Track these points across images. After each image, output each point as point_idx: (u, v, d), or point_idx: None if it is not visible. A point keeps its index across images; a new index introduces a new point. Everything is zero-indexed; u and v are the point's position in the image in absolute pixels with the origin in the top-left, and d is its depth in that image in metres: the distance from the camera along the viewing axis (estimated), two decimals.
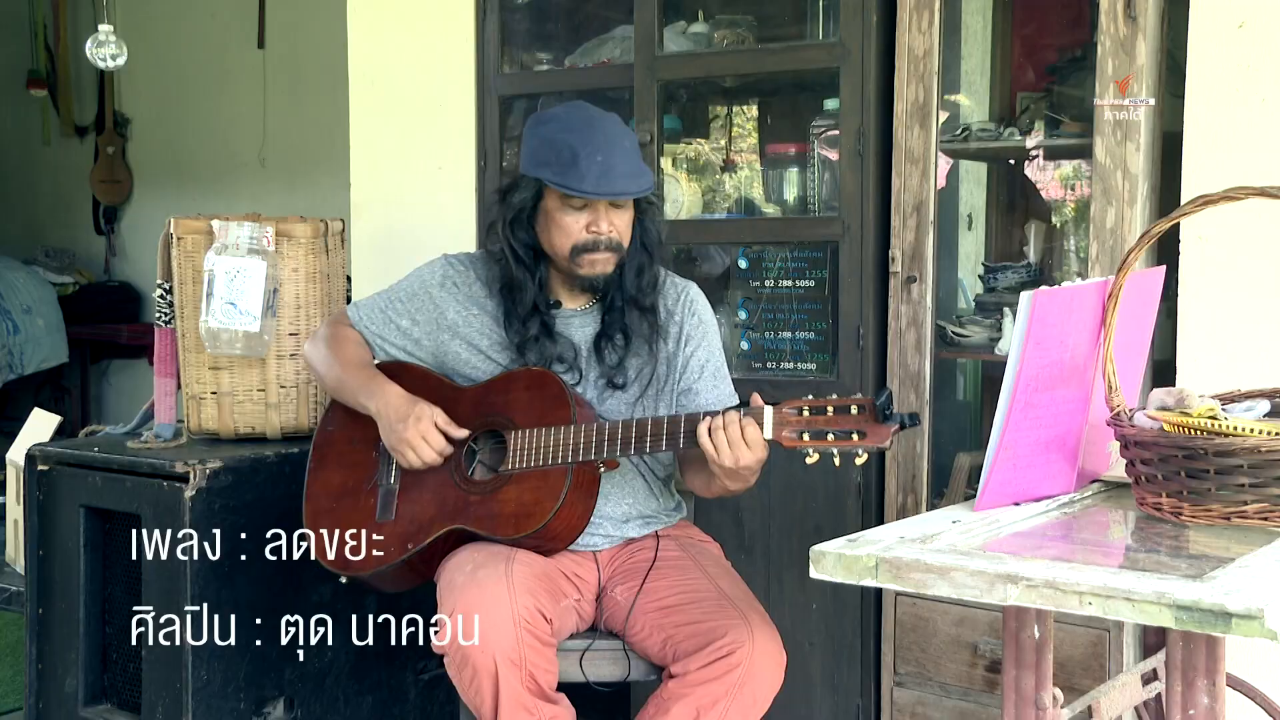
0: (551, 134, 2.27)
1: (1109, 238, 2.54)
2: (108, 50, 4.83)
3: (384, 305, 2.47)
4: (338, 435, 2.46)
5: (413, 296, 2.45)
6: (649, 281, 2.36)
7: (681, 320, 2.41)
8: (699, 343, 2.41)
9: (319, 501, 2.43)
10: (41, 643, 2.90)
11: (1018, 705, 1.74)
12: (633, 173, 2.26)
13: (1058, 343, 1.85)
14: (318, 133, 6.14)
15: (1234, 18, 2.45)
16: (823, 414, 2.04)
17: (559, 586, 2.28)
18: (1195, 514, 1.79)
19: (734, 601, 2.22)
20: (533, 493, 2.24)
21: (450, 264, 2.46)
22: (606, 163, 2.22)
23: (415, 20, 3.48)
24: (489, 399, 2.34)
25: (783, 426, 2.07)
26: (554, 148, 2.25)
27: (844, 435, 2.02)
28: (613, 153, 2.24)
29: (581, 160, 2.21)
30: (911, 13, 2.72)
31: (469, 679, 2.10)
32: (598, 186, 2.22)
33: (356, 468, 2.42)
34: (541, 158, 2.27)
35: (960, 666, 2.69)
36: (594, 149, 2.22)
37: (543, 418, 2.26)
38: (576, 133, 2.25)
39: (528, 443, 2.25)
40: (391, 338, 2.45)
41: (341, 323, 2.50)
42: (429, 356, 2.45)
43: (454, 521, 2.28)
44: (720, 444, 2.09)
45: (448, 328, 2.42)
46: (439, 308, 2.43)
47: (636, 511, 2.41)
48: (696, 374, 2.40)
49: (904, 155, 2.74)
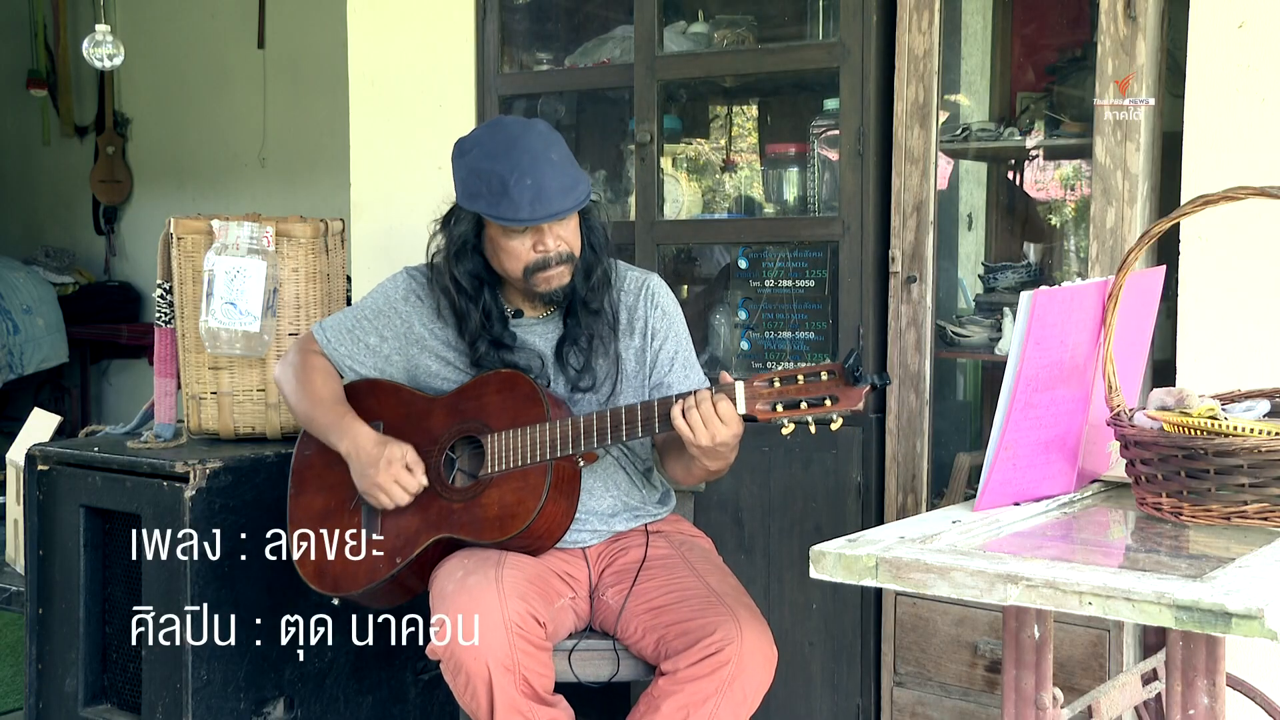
0: (476, 163, 2.23)
1: (1109, 238, 2.54)
2: (105, 50, 4.82)
3: (351, 325, 2.45)
4: (315, 459, 2.45)
5: (379, 313, 2.43)
6: (598, 280, 2.33)
7: (645, 314, 2.39)
8: (665, 335, 2.40)
9: (303, 525, 2.42)
10: (41, 643, 2.90)
11: (1018, 705, 1.74)
12: (565, 188, 2.21)
13: (1058, 343, 1.85)
14: (318, 133, 6.14)
15: (1234, 18, 2.45)
16: (793, 383, 2.04)
17: (552, 587, 2.28)
18: (1195, 514, 1.79)
19: (723, 598, 2.21)
20: (515, 493, 2.24)
21: (412, 277, 2.44)
22: (537, 184, 2.17)
23: (415, 20, 3.48)
24: (462, 405, 2.33)
25: (755, 400, 2.06)
26: (482, 178, 2.20)
27: (817, 401, 2.03)
28: (541, 172, 2.18)
29: (512, 188, 2.17)
30: (911, 13, 2.72)
31: (464, 685, 2.10)
32: (533, 212, 2.18)
33: (337, 488, 2.40)
34: (472, 189, 2.23)
35: (960, 666, 2.69)
36: (521, 173, 2.17)
37: (517, 418, 2.26)
38: (500, 159, 2.19)
39: (505, 444, 2.25)
40: (361, 358, 2.43)
41: (309, 349, 2.46)
42: (400, 373, 2.44)
43: (440, 531, 2.28)
44: (695, 423, 2.08)
45: (416, 341, 2.41)
46: (406, 321, 2.42)
47: (622, 504, 2.40)
48: (667, 367, 2.39)
49: (904, 155, 2.74)
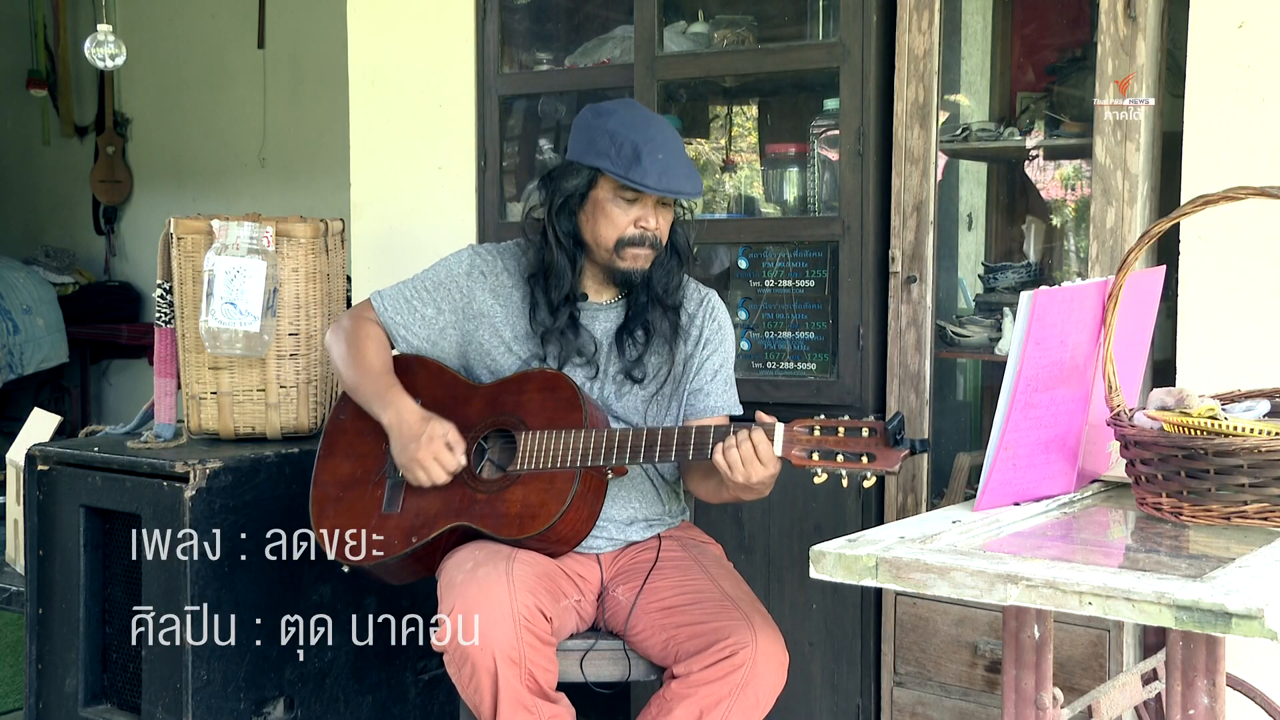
0: (612, 127, 2.28)
1: (1109, 238, 2.54)
2: (106, 50, 4.82)
3: (409, 294, 2.46)
4: (349, 425, 2.46)
5: (439, 285, 2.45)
6: (676, 284, 2.40)
7: (703, 324, 2.44)
8: (716, 347, 2.44)
9: (326, 489, 2.42)
10: (41, 643, 2.90)
11: (1018, 705, 1.74)
12: (690, 175, 2.30)
13: (1058, 343, 1.85)
14: (318, 133, 6.15)
15: (1234, 18, 2.45)
16: (833, 434, 2.05)
17: (559, 586, 2.28)
18: (1195, 514, 1.79)
19: (737, 602, 2.22)
20: (539, 495, 2.24)
21: (477, 254, 2.47)
22: (667, 161, 2.25)
23: (415, 20, 3.48)
24: (501, 398, 2.34)
25: (793, 444, 2.08)
26: (614, 141, 2.26)
27: (853, 457, 2.03)
28: (672, 153, 2.27)
29: (644, 156, 2.24)
30: (911, 13, 2.72)
31: (468, 677, 2.10)
32: (659, 183, 2.24)
33: (365, 458, 2.42)
34: (601, 148, 2.28)
35: (960, 666, 2.69)
36: (655, 147, 2.25)
37: (554, 420, 2.27)
38: (638, 129, 2.27)
39: (537, 445, 2.25)
40: (415, 328, 2.44)
41: (365, 315, 2.48)
42: (453, 346, 2.44)
43: (459, 519, 2.28)
44: (734, 461, 2.10)
45: (474, 316, 2.42)
46: (466, 296, 2.43)
47: (641, 515, 2.41)
48: (710, 376, 2.42)
49: (904, 155, 2.74)
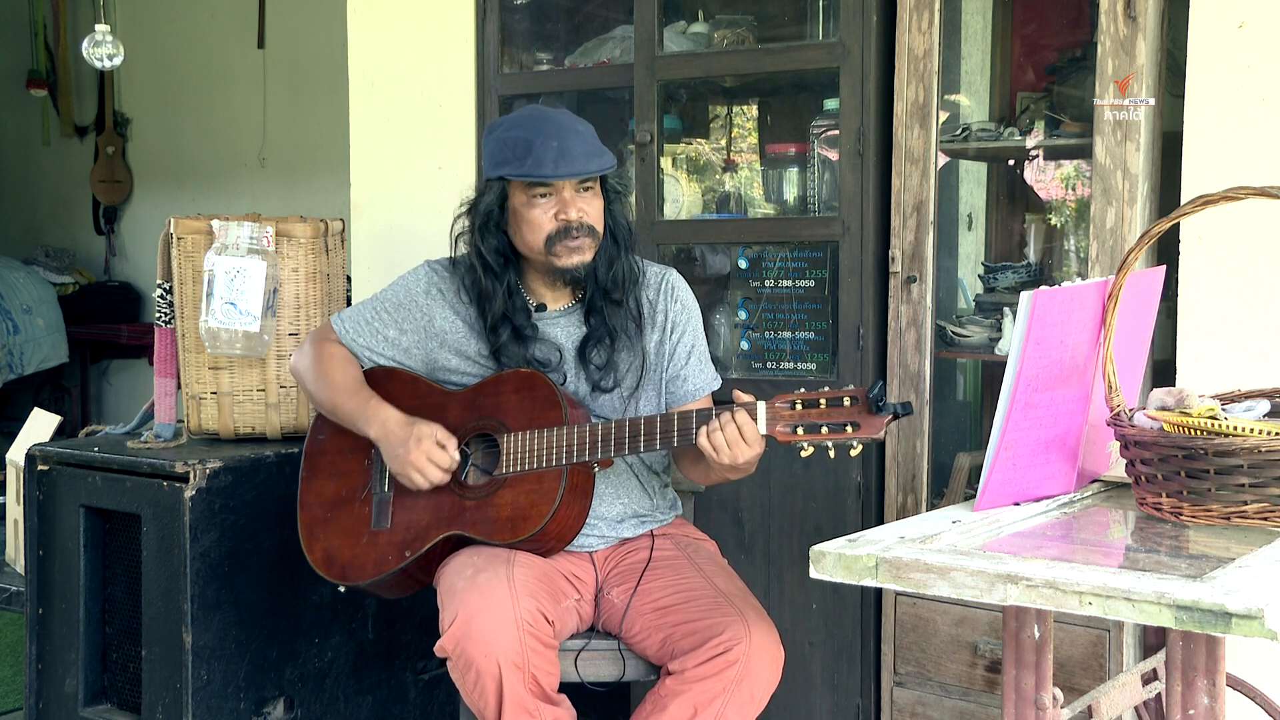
0: (505, 134, 2.29)
1: (1109, 238, 2.54)
2: (104, 50, 4.82)
3: (370, 316, 2.45)
4: (329, 444, 2.46)
5: (399, 306, 2.44)
6: (621, 273, 2.35)
7: (665, 307, 2.41)
8: (684, 328, 2.42)
9: (313, 511, 2.42)
10: (41, 643, 2.90)
11: (1018, 705, 1.74)
12: (590, 153, 2.27)
13: (1058, 343, 1.85)
14: (318, 133, 6.15)
15: (1234, 18, 2.45)
16: (815, 407, 2.05)
17: (559, 587, 2.28)
18: (1195, 514, 1.79)
19: (730, 599, 2.22)
20: (528, 496, 2.24)
21: (434, 270, 2.45)
22: (562, 146, 2.24)
23: (415, 20, 3.48)
24: (479, 402, 2.33)
25: (776, 421, 2.07)
26: (509, 145, 2.27)
27: (837, 428, 2.03)
28: (567, 138, 2.25)
29: (536, 148, 2.23)
30: (911, 13, 2.72)
31: (472, 682, 2.10)
32: (556, 169, 2.23)
33: (349, 476, 2.41)
34: (499, 158, 2.29)
35: (960, 666, 2.69)
36: (547, 137, 2.24)
37: (534, 420, 2.26)
38: (527, 127, 2.27)
39: (521, 446, 2.25)
40: (380, 348, 2.44)
41: (327, 339, 2.47)
42: (419, 365, 2.43)
43: (450, 527, 2.28)
44: (719, 444, 2.09)
45: (436, 335, 2.41)
46: (427, 315, 2.42)
47: (631, 511, 2.41)
48: (684, 359, 2.41)
49: (904, 155, 2.74)
